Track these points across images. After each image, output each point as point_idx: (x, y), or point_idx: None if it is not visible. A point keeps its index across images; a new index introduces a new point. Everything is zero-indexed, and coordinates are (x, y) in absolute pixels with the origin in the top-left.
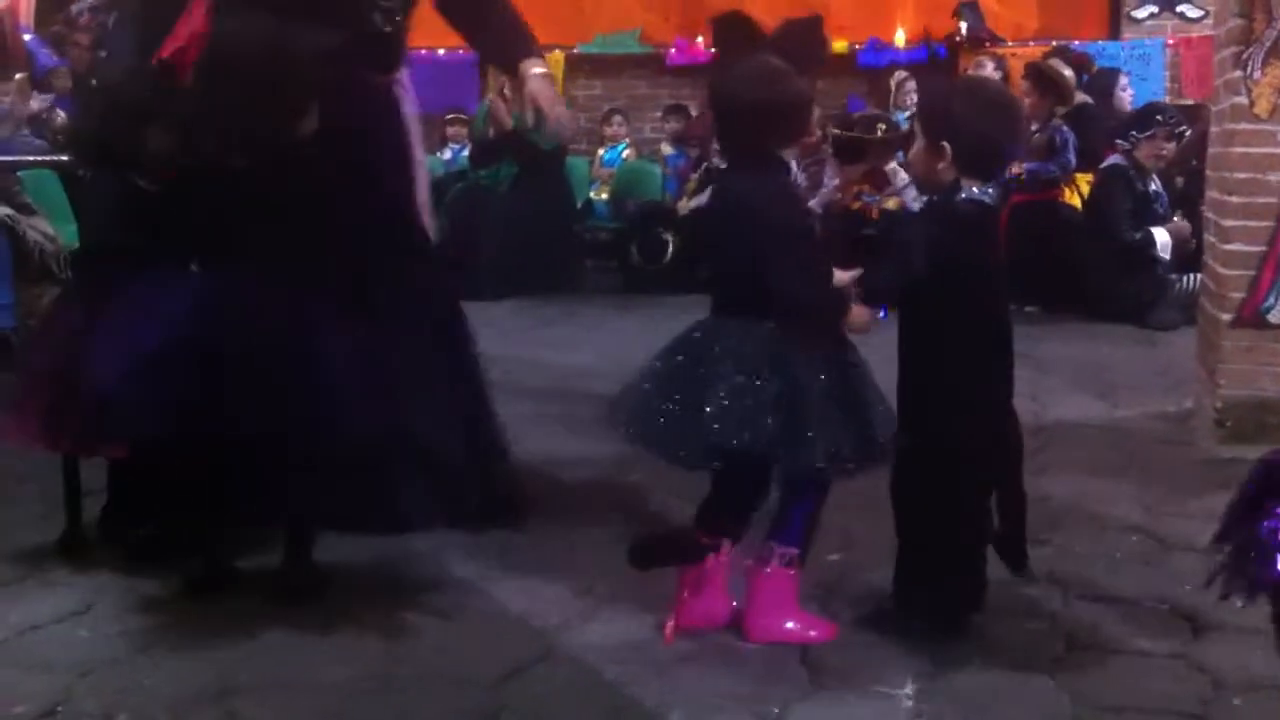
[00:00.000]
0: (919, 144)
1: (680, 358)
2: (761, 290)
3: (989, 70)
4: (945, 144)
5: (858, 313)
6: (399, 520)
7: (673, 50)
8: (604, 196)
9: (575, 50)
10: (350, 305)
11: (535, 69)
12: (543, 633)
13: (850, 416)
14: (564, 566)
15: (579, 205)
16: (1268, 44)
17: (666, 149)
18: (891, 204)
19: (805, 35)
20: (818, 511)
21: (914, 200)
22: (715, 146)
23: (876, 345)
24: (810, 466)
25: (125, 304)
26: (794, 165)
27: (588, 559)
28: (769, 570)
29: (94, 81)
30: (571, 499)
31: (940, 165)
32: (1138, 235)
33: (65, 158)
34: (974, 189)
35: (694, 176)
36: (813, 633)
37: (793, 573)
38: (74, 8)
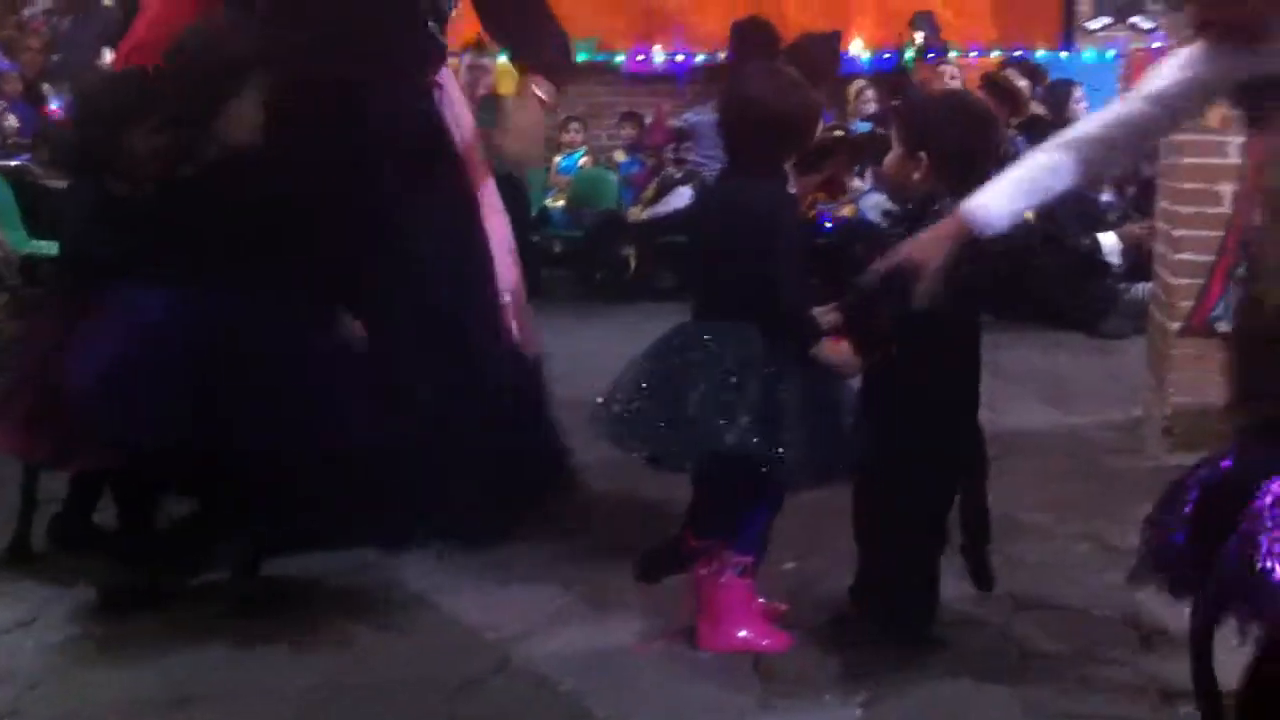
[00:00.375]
0: (895, 152)
1: (663, 361)
2: (754, 296)
3: (949, 80)
4: (922, 154)
5: (846, 353)
6: (357, 535)
7: (631, 58)
8: (560, 204)
9: None
10: (337, 313)
11: (531, 89)
12: (502, 643)
13: (824, 428)
14: (526, 577)
15: (535, 214)
16: None
17: (620, 156)
18: (846, 210)
19: (822, 48)
20: (772, 519)
21: (871, 209)
22: (669, 155)
23: None
24: (787, 473)
25: (106, 315)
26: None
27: (550, 569)
28: (723, 580)
29: (45, 86)
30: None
31: (915, 175)
32: (1086, 242)
33: (13, 163)
34: (948, 201)
35: (651, 185)
36: (766, 642)
37: (747, 581)
38: (26, 12)
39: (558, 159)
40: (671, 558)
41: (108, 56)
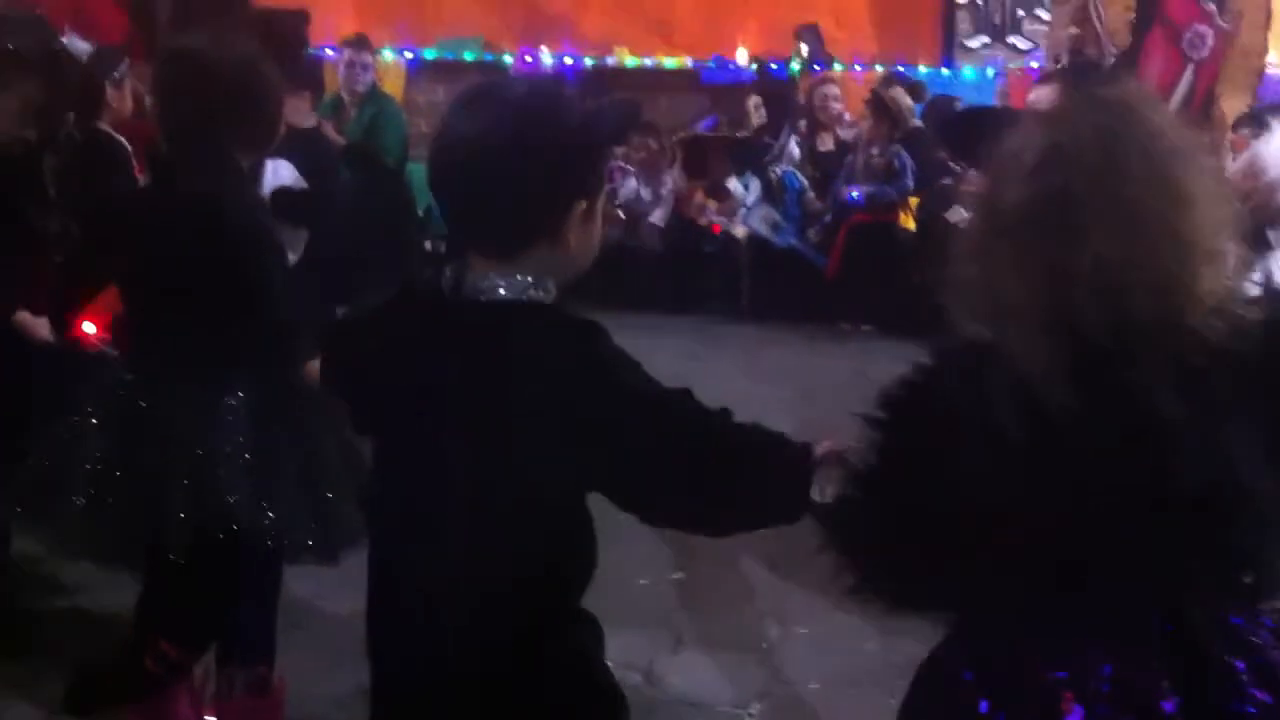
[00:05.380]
0: None
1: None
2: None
3: (834, 93)
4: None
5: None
6: None
7: (518, 59)
8: None
9: (419, 55)
10: None
11: None
12: None
13: (311, 486)
14: None
15: (420, 213)
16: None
17: None
18: (739, 232)
19: (289, 24)
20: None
21: (761, 222)
22: None
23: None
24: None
25: None
26: (634, 176)
27: None
28: (236, 702)
29: None
30: None
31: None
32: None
33: None
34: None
35: None
36: None
37: (274, 702)
38: None
39: None
40: (123, 680)
41: None
